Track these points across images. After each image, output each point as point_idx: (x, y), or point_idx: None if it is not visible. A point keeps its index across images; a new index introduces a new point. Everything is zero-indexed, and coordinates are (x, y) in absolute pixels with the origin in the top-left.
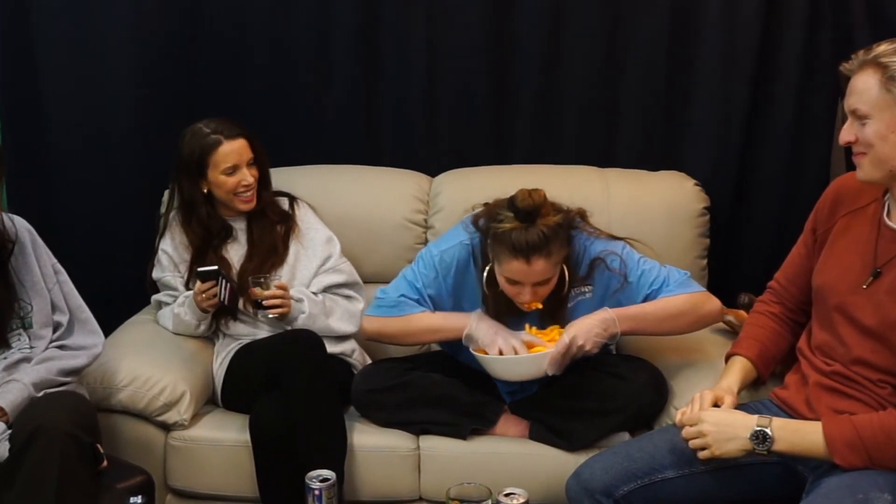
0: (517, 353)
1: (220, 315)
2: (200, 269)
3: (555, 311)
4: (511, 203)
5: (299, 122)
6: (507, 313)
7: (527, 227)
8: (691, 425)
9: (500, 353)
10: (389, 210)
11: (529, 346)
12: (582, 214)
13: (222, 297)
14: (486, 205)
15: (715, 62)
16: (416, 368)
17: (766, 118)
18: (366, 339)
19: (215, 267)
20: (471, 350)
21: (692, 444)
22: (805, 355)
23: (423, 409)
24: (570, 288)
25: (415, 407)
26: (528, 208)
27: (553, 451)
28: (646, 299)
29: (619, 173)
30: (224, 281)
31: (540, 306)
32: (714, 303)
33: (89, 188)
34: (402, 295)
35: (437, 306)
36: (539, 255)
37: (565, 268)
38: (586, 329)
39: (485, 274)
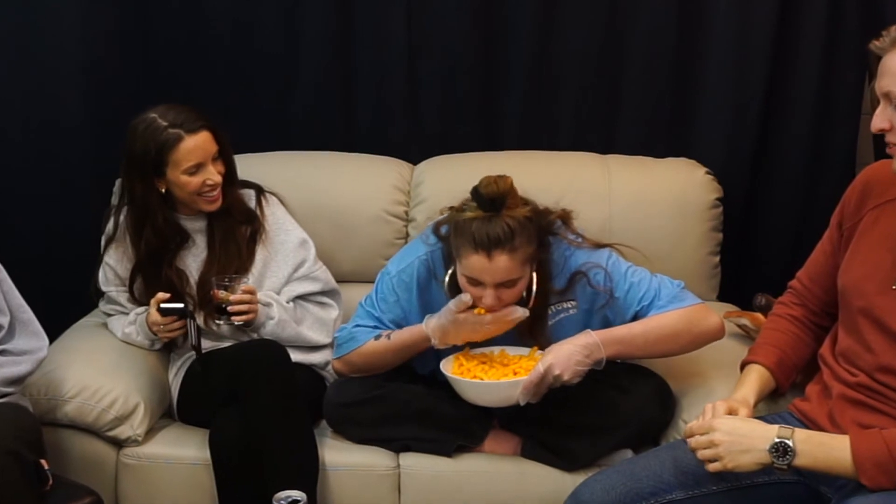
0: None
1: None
2: (164, 305)
3: (533, 329)
4: (475, 191)
5: (264, 104)
6: None
7: (490, 217)
8: (701, 434)
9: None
10: (366, 201)
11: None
12: (565, 217)
13: (193, 340)
14: (451, 208)
15: (729, 37)
16: (394, 379)
17: (786, 100)
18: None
19: (181, 305)
20: (442, 370)
21: (701, 454)
22: (828, 363)
23: (404, 425)
24: (546, 301)
25: (394, 422)
26: (491, 196)
27: (548, 470)
28: (636, 316)
29: (622, 160)
30: (193, 322)
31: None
32: (713, 318)
33: (32, 181)
34: (357, 325)
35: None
36: (501, 249)
37: (535, 276)
38: (565, 357)
39: (447, 277)
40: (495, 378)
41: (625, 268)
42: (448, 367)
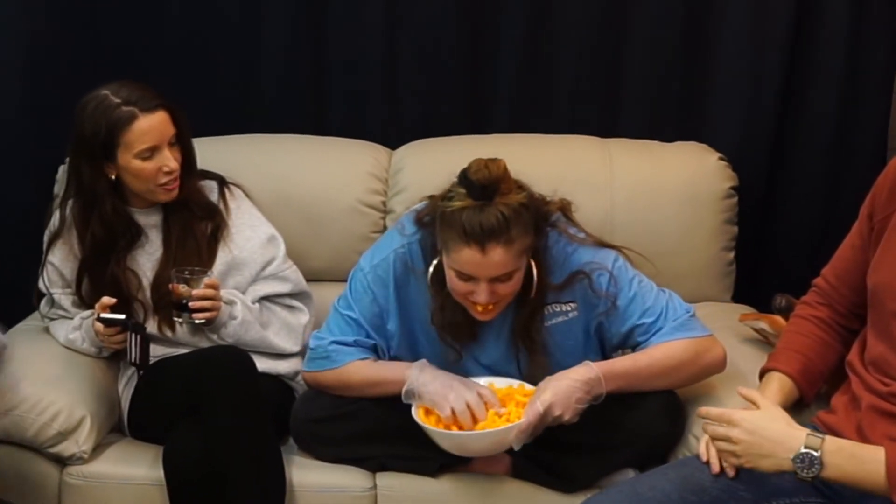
0: (475, 418)
1: None
2: (104, 315)
3: (526, 328)
4: (463, 176)
5: (226, 82)
6: (462, 328)
7: (482, 206)
8: (719, 424)
9: (453, 412)
10: (339, 191)
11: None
12: (564, 208)
13: (133, 357)
14: (431, 197)
15: (745, 8)
16: None
17: (809, 77)
18: None
19: (122, 316)
20: (413, 416)
21: (717, 446)
22: (857, 372)
23: (380, 443)
24: (543, 296)
25: (369, 440)
26: (483, 182)
27: (542, 492)
28: (632, 330)
29: (626, 145)
30: (135, 336)
31: (490, 313)
32: (718, 350)
33: None
34: (334, 342)
35: (381, 332)
36: (496, 241)
37: (534, 265)
38: (565, 394)
39: (430, 269)
40: (480, 427)
41: (631, 275)
42: (419, 413)
